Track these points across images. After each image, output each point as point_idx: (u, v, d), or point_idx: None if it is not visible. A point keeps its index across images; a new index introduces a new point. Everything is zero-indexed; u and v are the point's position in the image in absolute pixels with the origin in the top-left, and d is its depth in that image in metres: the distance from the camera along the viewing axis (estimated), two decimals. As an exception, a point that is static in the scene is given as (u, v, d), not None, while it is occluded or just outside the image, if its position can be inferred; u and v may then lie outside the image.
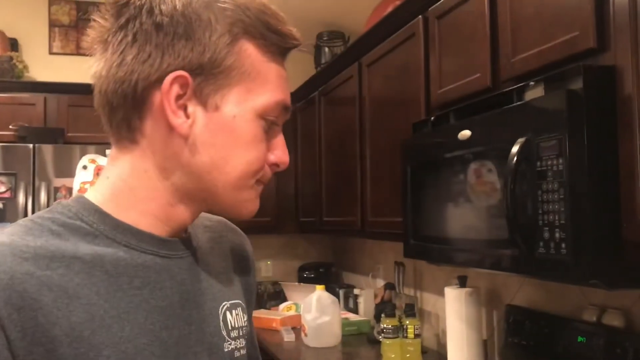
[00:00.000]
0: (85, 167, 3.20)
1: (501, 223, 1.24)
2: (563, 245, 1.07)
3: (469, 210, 1.42)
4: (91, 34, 0.69)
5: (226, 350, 0.72)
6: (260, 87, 0.68)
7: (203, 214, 0.82)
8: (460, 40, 1.60)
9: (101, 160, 3.26)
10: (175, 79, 0.64)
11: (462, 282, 1.98)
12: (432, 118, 1.68)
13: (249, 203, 0.71)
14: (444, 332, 2.07)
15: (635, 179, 1.01)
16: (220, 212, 0.74)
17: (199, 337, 0.69)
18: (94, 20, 0.68)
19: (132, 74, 0.65)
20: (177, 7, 0.65)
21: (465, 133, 1.40)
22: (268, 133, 0.70)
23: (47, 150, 3.20)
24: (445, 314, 2.02)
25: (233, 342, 0.73)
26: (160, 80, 0.65)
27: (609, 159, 1.06)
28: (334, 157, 2.74)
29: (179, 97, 0.65)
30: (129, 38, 0.65)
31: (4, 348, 0.57)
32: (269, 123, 0.69)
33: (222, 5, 0.66)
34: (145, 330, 0.64)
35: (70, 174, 3.20)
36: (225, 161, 0.68)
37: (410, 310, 2.18)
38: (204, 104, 0.66)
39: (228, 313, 0.74)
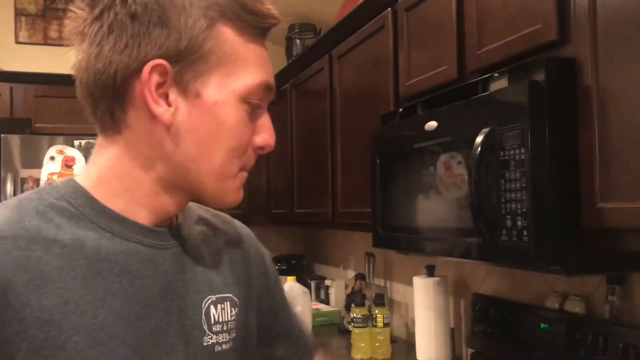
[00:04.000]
0: (52, 158, 3.16)
1: (467, 212, 1.26)
2: (525, 232, 1.10)
3: (437, 200, 1.44)
4: (68, 25, 0.68)
5: (205, 344, 0.71)
6: (240, 70, 0.67)
7: (202, 207, 0.82)
8: (428, 33, 1.62)
9: (69, 152, 3.22)
10: (153, 67, 0.64)
11: (430, 272, 2.01)
12: (400, 110, 1.70)
13: (233, 192, 0.71)
14: (413, 321, 2.10)
15: (593, 168, 1.04)
16: (205, 202, 0.74)
17: (176, 329, 0.68)
18: (70, 10, 0.68)
19: (111, 64, 0.65)
20: None
21: (432, 124, 1.42)
22: (252, 116, 0.69)
23: (14, 140, 3.14)
24: (414, 303, 2.05)
25: (214, 337, 0.72)
26: (139, 70, 0.64)
27: (569, 148, 1.09)
28: (305, 149, 2.75)
29: (159, 85, 0.65)
30: (105, 29, 0.65)
31: None
32: (252, 106, 0.69)
33: None
34: (120, 319, 0.64)
35: (38, 164, 3.16)
36: (208, 149, 0.67)
37: (380, 300, 2.20)
38: (184, 91, 0.66)
39: (212, 307, 0.73)
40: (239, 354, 0.76)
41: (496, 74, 1.27)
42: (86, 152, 3.28)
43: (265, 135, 0.71)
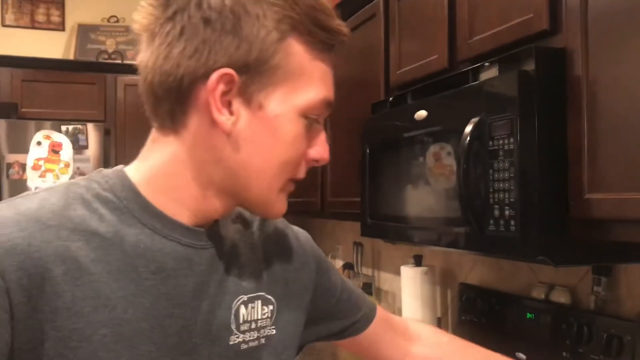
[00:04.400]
0: (39, 143, 3.13)
1: (455, 202, 1.26)
2: (512, 222, 1.10)
3: (426, 190, 1.44)
4: (138, 20, 0.68)
5: (231, 343, 0.72)
6: (304, 86, 0.68)
7: None
8: (420, 22, 1.61)
9: (56, 137, 3.19)
10: (221, 76, 0.64)
11: (418, 262, 2.02)
12: (391, 99, 1.69)
13: (278, 204, 0.72)
14: (400, 310, 2.11)
15: (582, 159, 1.04)
16: (250, 209, 0.75)
17: (203, 328, 0.69)
18: (141, 6, 0.68)
19: (178, 67, 0.65)
20: (226, 1, 0.64)
21: (422, 113, 1.41)
22: (309, 130, 0.70)
23: (0, 125, 3.11)
24: (401, 292, 2.06)
25: (241, 335, 0.73)
26: (206, 76, 0.65)
27: (558, 139, 1.09)
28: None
29: (224, 93, 0.65)
30: (177, 31, 0.65)
31: (2, 310, 0.58)
32: (311, 121, 0.70)
33: (271, 1, 0.65)
34: (149, 316, 0.64)
35: (24, 149, 3.13)
36: (262, 159, 0.68)
37: (368, 289, 2.21)
38: (248, 101, 0.66)
39: (242, 306, 0.74)
40: (272, 351, 0.77)
41: (486, 64, 1.27)
42: (73, 137, 3.26)
43: (320, 148, 0.72)
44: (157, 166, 0.69)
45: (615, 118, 0.99)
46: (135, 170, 0.71)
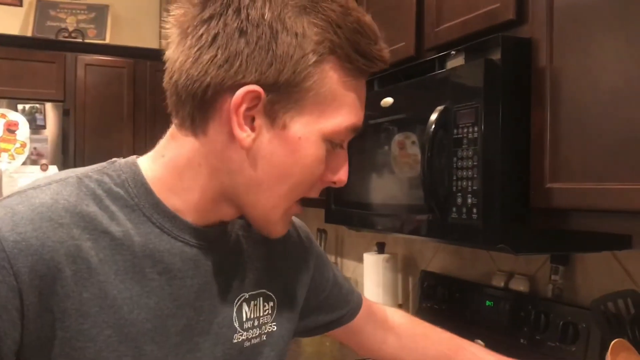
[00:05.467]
0: (-6, 122, 3.02)
1: (419, 190, 1.26)
2: (474, 210, 1.11)
3: (390, 177, 1.44)
4: (175, 14, 0.65)
5: (235, 341, 0.71)
6: (334, 112, 0.65)
7: None
8: (387, 9, 1.61)
9: (12, 115, 3.09)
10: (248, 92, 0.62)
11: (381, 249, 2.03)
12: (357, 85, 1.68)
13: (279, 226, 0.70)
14: (362, 297, 2.11)
15: (544, 149, 1.06)
16: (250, 223, 0.72)
17: (205, 328, 0.69)
18: (181, 1, 0.65)
19: (206, 75, 0.62)
20: (266, 15, 0.61)
21: (388, 100, 1.41)
22: (331, 153, 0.68)
23: (-48, 103, 3.00)
24: (363, 279, 2.07)
25: (245, 333, 0.73)
26: (232, 89, 0.62)
27: (521, 128, 1.10)
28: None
29: (248, 109, 0.63)
30: (210, 36, 0.62)
31: (15, 310, 0.58)
32: (334, 145, 0.67)
33: (314, 20, 0.62)
34: (153, 316, 0.64)
35: (-22, 129, 3.02)
36: (276, 179, 0.65)
37: (330, 276, 2.21)
38: (272, 120, 0.64)
39: (245, 304, 0.73)
40: (273, 347, 0.77)
41: (453, 52, 1.27)
42: (30, 117, 3.16)
43: (340, 172, 0.70)
44: (172, 165, 0.68)
45: (577, 108, 1.00)
46: (149, 165, 0.69)
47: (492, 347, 1.45)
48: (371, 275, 2.02)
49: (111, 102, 3.44)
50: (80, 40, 3.64)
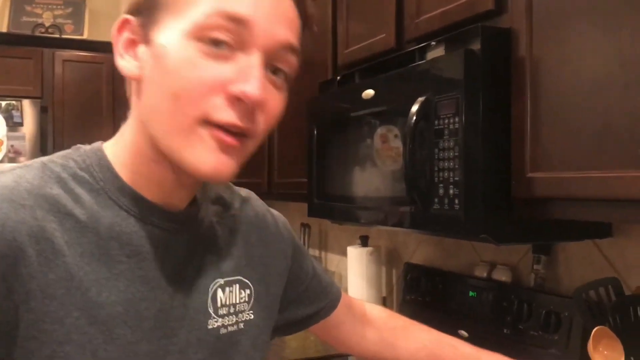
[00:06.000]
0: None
1: (401, 182, 1.26)
2: (456, 201, 1.11)
3: (373, 170, 1.44)
4: None
5: (210, 327, 0.70)
6: (190, 6, 0.61)
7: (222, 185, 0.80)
8: (367, 1, 1.60)
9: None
10: (121, 24, 0.64)
11: (364, 242, 2.03)
12: (338, 78, 1.67)
13: (203, 156, 0.61)
14: (346, 291, 2.11)
15: (524, 139, 1.06)
16: (182, 168, 0.63)
17: (180, 313, 0.68)
18: None
19: None
20: None
21: (369, 92, 1.41)
22: (217, 56, 0.60)
23: None
24: (347, 273, 2.07)
25: (220, 320, 0.72)
26: None
27: (502, 118, 1.09)
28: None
29: (131, 41, 0.64)
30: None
31: None
32: (209, 43, 0.60)
33: None
34: (123, 299, 0.63)
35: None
36: (157, 97, 0.62)
37: (314, 270, 2.21)
38: (147, 42, 0.63)
39: (220, 290, 0.72)
40: (250, 335, 0.76)
41: (433, 43, 1.26)
42: (7, 114, 3.11)
43: (245, 84, 0.60)
44: (127, 143, 0.67)
45: (557, 98, 1.00)
46: (113, 149, 0.68)
47: (475, 337, 1.46)
48: (355, 269, 2.02)
49: (90, 98, 3.39)
50: (57, 35, 3.59)
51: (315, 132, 1.71)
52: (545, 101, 1.02)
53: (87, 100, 3.39)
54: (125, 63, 0.64)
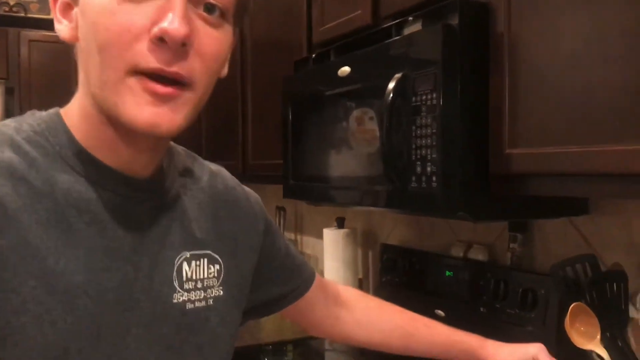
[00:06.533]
0: None
1: (378, 160, 1.24)
2: (434, 178, 1.09)
3: (349, 149, 1.42)
4: None
5: (175, 301, 0.68)
6: None
7: (191, 156, 0.77)
8: (343, -24, 1.57)
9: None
10: None
11: (340, 224, 2.01)
12: (314, 56, 1.64)
13: (137, 108, 0.58)
14: (322, 273, 2.10)
15: (503, 115, 1.04)
16: (116, 121, 0.61)
17: (144, 285, 0.65)
18: None
19: None
20: None
21: (345, 69, 1.38)
22: (137, 2, 0.57)
23: None
24: (323, 255, 2.05)
25: (186, 294, 0.69)
26: None
27: (480, 94, 1.08)
28: (215, 99, 2.63)
29: (65, 5, 0.63)
30: None
31: None
32: None
33: None
34: (83, 269, 0.60)
35: None
36: (85, 53, 0.62)
37: (290, 252, 2.19)
38: (75, 2, 0.62)
39: (185, 263, 0.69)
40: (219, 312, 0.73)
41: (410, 18, 1.24)
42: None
43: (160, 21, 0.57)
44: (78, 107, 0.65)
45: (536, 73, 0.99)
46: (68, 113, 0.65)
47: (452, 317, 1.45)
48: (331, 251, 2.00)
49: (58, 80, 3.29)
50: (23, 14, 3.48)
51: (291, 112, 1.68)
52: (524, 76, 1.01)
53: (54, 81, 3.29)
54: (62, 27, 0.64)
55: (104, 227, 0.63)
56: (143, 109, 0.58)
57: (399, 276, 1.76)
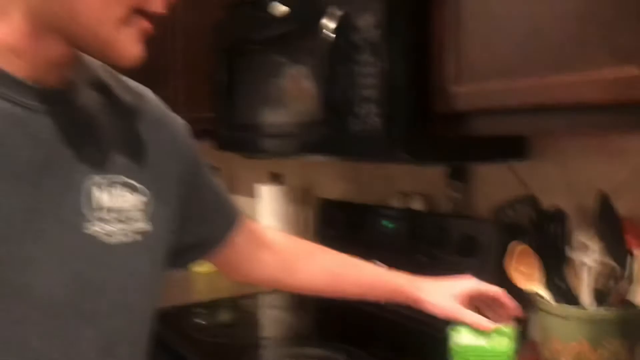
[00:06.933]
0: None
1: (318, 104, 1.18)
2: (376, 119, 1.05)
3: (286, 94, 1.35)
4: None
5: (86, 231, 0.59)
6: None
7: (105, 67, 0.69)
8: None
9: None
10: None
11: (276, 180, 1.96)
12: (247, -2, 1.55)
13: (124, 45, 0.59)
14: (259, 230, 2.04)
15: (445, 52, 1.00)
16: (94, 54, 0.61)
17: (51, 212, 0.57)
18: None
19: None
20: None
21: (282, 8, 1.30)
22: None
23: None
24: (259, 213, 1.99)
25: (101, 224, 0.61)
26: None
27: (423, 31, 1.04)
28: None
29: None
30: None
31: None
32: None
33: None
34: None
35: None
36: None
37: (225, 210, 2.12)
38: None
39: (95, 189, 0.61)
40: (150, 249, 0.66)
41: (351, -47, 1.17)
42: None
43: None
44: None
45: (481, 4, 0.95)
46: None
47: (391, 267, 1.43)
48: (267, 208, 1.95)
49: None
50: None
51: (223, 56, 1.59)
52: (466, 9, 0.97)
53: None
54: None
55: (2, 143, 0.55)
56: (135, 46, 0.60)
57: (337, 230, 1.73)
